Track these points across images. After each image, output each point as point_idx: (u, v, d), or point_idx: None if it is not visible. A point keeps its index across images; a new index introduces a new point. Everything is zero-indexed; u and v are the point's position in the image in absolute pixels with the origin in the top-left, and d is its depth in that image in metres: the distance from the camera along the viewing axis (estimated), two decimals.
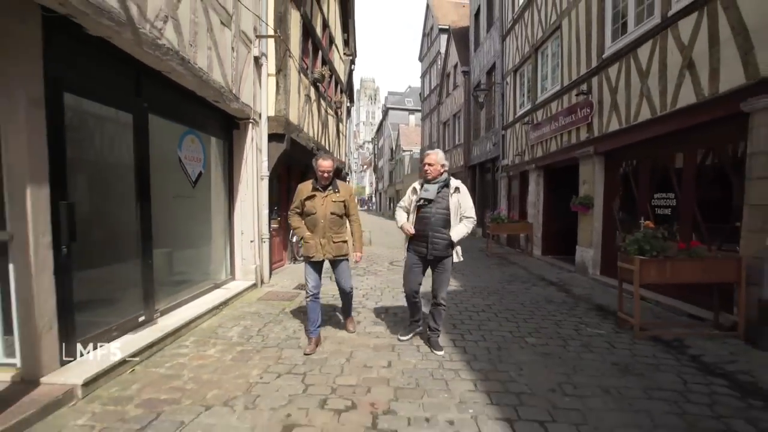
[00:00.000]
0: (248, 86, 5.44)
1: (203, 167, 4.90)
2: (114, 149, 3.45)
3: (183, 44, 3.72)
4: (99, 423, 2.31)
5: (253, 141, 5.74)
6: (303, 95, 7.32)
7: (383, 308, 4.82)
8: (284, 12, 6.06)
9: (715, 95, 4.24)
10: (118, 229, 3.48)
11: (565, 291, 5.93)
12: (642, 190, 5.84)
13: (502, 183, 11.86)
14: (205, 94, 4.46)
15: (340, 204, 3.50)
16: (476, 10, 15.16)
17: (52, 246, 2.65)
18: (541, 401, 2.62)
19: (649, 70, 5.31)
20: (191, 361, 3.21)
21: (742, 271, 3.78)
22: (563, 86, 7.82)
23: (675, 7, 4.85)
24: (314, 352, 3.36)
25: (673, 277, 3.92)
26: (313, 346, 3.42)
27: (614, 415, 2.48)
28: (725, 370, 3.19)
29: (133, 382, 2.81)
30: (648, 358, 3.41)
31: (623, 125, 5.90)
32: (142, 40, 3.12)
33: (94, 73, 3.10)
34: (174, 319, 3.87)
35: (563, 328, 4.16)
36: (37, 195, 2.53)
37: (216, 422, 2.33)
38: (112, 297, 3.39)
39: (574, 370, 3.12)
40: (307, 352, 3.34)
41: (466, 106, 16.06)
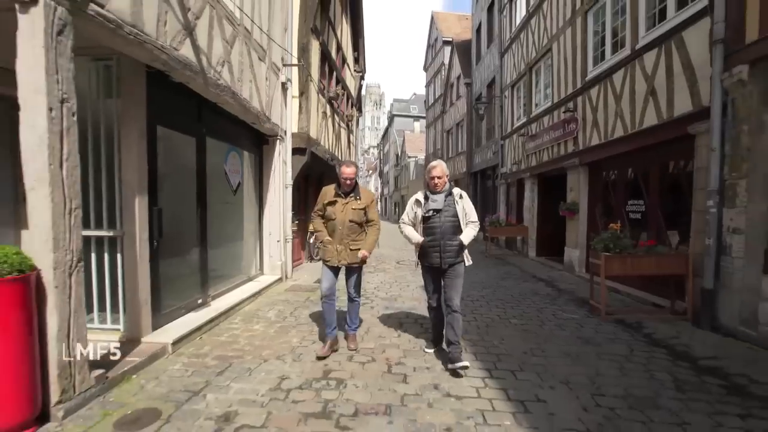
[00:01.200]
0: (276, 108, 6.35)
1: (241, 178, 5.81)
2: (182, 165, 4.35)
3: (233, 81, 4.64)
4: (190, 368, 3.18)
5: (280, 155, 6.65)
6: (320, 112, 8.25)
7: (392, 296, 5.69)
8: (306, 43, 6.99)
9: (671, 119, 5.08)
10: (184, 229, 4.38)
11: (551, 286, 6.74)
12: (619, 196, 6.66)
13: (501, 189, 12.69)
14: (245, 118, 5.38)
15: (360, 212, 3.49)
16: (477, 26, 16.08)
17: (148, 241, 3.55)
18: (514, 359, 3.46)
19: (622, 94, 6.16)
20: (243, 332, 4.09)
21: (690, 265, 4.59)
22: (553, 103, 8.67)
23: (641, 42, 5.70)
24: (328, 355, 3.38)
25: (633, 270, 4.75)
26: (327, 348, 3.42)
27: (568, 368, 3.31)
28: (668, 343, 3.99)
29: (204, 345, 3.69)
30: (608, 335, 4.23)
31: (602, 140, 6.73)
32: (208, 83, 4.04)
33: (173, 109, 4.02)
34: (222, 303, 4.75)
35: (543, 313, 4.99)
36: (141, 202, 3.44)
37: (274, 369, 3.20)
38: (181, 282, 4.28)
39: (545, 341, 3.96)
40: (319, 355, 3.35)
41: (469, 116, 16.93)
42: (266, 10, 5.78)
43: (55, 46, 2.28)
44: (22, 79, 2.23)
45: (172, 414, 2.48)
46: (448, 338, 3.36)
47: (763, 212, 3.81)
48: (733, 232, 4.12)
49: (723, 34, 4.17)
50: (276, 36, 6.17)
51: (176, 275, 4.18)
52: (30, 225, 2.31)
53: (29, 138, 2.25)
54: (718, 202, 4.26)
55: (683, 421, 2.51)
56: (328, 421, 2.43)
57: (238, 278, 5.78)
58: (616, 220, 6.48)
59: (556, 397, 2.80)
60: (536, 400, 2.74)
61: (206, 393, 2.76)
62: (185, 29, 3.59)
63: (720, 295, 4.26)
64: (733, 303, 4.10)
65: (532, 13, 9.77)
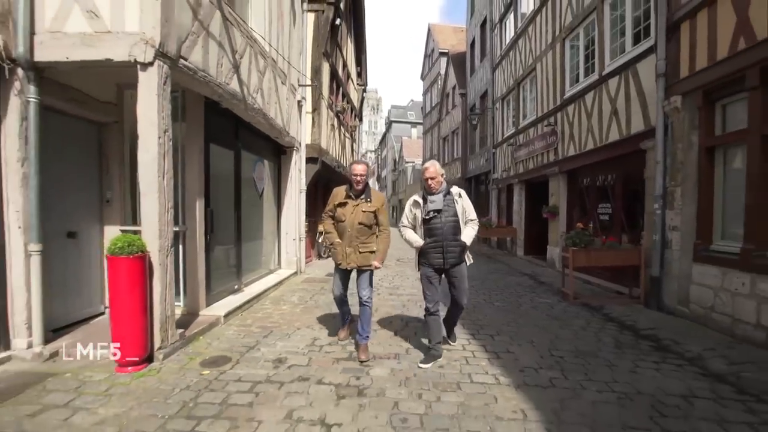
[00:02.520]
0: (294, 123, 7.30)
1: (264, 184, 6.73)
2: (224, 175, 5.26)
3: (264, 104, 5.58)
4: (241, 333, 4.09)
5: (296, 163, 7.59)
6: (329, 125, 9.20)
7: (395, 286, 6.62)
8: (319, 65, 7.96)
9: (629, 135, 6.06)
10: (226, 226, 5.29)
11: (533, 279, 7.69)
12: (591, 201, 7.64)
13: (493, 194, 13.66)
14: (270, 134, 6.31)
15: (371, 214, 3.42)
16: (472, 41, 17.14)
17: (204, 236, 4.46)
18: (492, 328, 4.39)
19: (592, 112, 7.14)
20: (274, 311, 5.00)
21: (642, 257, 5.55)
22: (538, 117, 9.66)
23: (607, 69, 6.70)
24: (347, 339, 3.83)
25: (597, 262, 5.71)
26: (345, 332, 3.90)
27: (534, 333, 4.24)
28: (620, 319, 4.93)
29: (246, 319, 4.60)
30: (572, 313, 5.17)
31: (578, 152, 7.71)
32: (247, 108, 4.98)
33: (220, 129, 4.95)
34: (253, 289, 5.66)
35: (522, 299, 5.94)
36: (199, 204, 4.36)
37: (306, 333, 4.11)
38: (223, 270, 5.19)
39: (519, 317, 4.90)
40: (340, 338, 3.85)
41: (463, 124, 17.94)
42: (286, 39, 6.73)
43: (162, 92, 3.21)
44: (141, 115, 3.16)
45: (239, 359, 3.39)
46: (447, 324, 3.75)
47: (693, 213, 4.78)
48: (672, 229, 5.09)
49: (664, 69, 5.16)
50: (293, 61, 7.12)
51: (220, 264, 5.09)
52: (143, 221, 3.23)
53: (144, 158, 3.18)
54: (662, 205, 5.23)
55: (612, 364, 3.45)
56: (354, 362, 3.35)
57: (261, 270, 6.68)
58: (589, 221, 7.49)
59: (522, 350, 3.74)
60: (506, 352, 3.68)
61: (259, 347, 3.67)
62: (233, 67, 4.53)
63: (664, 281, 5.22)
64: (672, 287, 5.06)
65: (520, 35, 10.80)
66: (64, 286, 3.83)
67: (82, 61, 3.17)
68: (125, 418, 2.43)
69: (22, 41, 3.07)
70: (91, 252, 4.20)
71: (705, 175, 4.64)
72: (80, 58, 3.16)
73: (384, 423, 2.43)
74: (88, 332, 3.79)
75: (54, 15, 3.17)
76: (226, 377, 3.03)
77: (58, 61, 3.18)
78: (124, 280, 2.98)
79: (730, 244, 4.31)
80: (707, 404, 2.76)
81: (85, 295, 4.16)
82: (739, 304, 4.03)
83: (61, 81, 3.58)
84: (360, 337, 3.50)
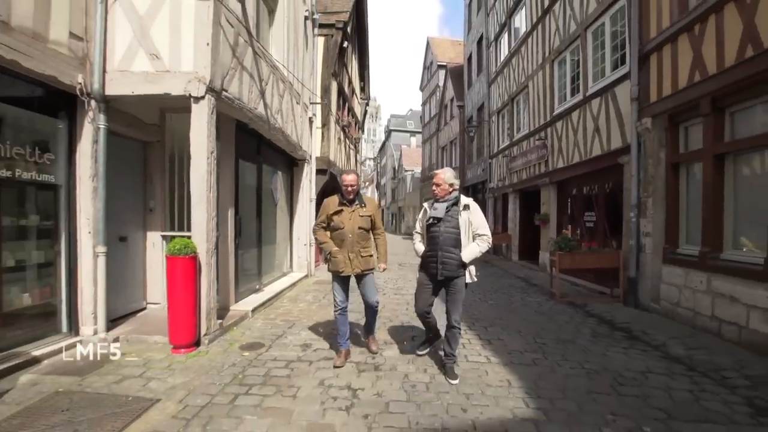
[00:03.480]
0: (306, 137, 7.97)
1: (279, 193, 7.38)
2: (248, 186, 5.91)
3: (283, 123, 6.25)
4: (268, 325, 4.70)
5: (306, 175, 8.25)
6: (336, 138, 9.89)
7: (399, 287, 7.24)
8: (328, 84, 8.66)
9: (609, 151, 6.74)
10: (249, 232, 5.92)
11: (525, 281, 8.33)
12: (578, 209, 8.31)
13: (490, 202, 14.34)
14: (286, 149, 6.98)
15: (367, 218, 3.47)
16: (469, 55, 17.95)
17: (234, 240, 5.09)
18: (486, 321, 5.02)
19: (578, 129, 7.85)
20: (293, 308, 5.61)
21: (621, 260, 6.20)
22: (530, 131, 10.37)
23: (590, 91, 7.41)
24: (343, 365, 3.39)
25: (580, 264, 6.36)
26: (342, 358, 3.45)
27: (523, 326, 4.86)
28: (599, 315, 5.55)
29: (270, 314, 5.21)
30: (558, 310, 5.80)
31: (566, 164, 8.40)
32: (270, 127, 5.64)
33: (246, 146, 5.61)
34: (271, 289, 6.27)
35: (513, 298, 6.57)
36: (231, 213, 4.99)
37: (326, 324, 4.72)
38: (248, 271, 5.81)
39: (510, 313, 5.52)
40: (336, 365, 3.37)
41: (461, 135, 18.69)
42: (300, 63, 7.43)
43: (210, 120, 3.87)
44: (194, 140, 3.82)
45: (271, 344, 4.01)
46: (444, 349, 3.39)
47: (662, 221, 5.44)
48: (646, 235, 5.75)
49: (637, 94, 5.86)
50: (305, 81, 7.81)
51: (245, 266, 5.71)
52: (193, 227, 3.87)
53: (196, 175, 3.83)
54: (637, 213, 5.90)
55: (587, 349, 4.08)
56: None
57: (276, 273, 7.30)
58: (577, 228, 8.15)
59: (511, 338, 4.36)
60: (497, 339, 4.30)
61: (286, 336, 4.29)
62: (260, 93, 5.20)
63: (639, 281, 5.86)
64: (646, 286, 5.70)
65: (513, 54, 11.56)
66: (116, 284, 4.44)
67: (145, 95, 3.83)
68: (190, 385, 3.04)
69: (97, 79, 3.73)
70: (137, 254, 4.82)
71: (671, 187, 5.32)
72: (144, 92, 3.82)
73: (397, 388, 3.05)
74: (138, 323, 4.40)
75: (122, 57, 3.84)
76: (264, 357, 3.64)
77: (125, 95, 3.84)
78: (180, 277, 3.61)
79: (692, 247, 4.96)
80: (660, 378, 3.39)
81: (131, 292, 4.77)
82: (698, 300, 4.67)
83: (120, 108, 4.23)
84: (367, 333, 3.88)
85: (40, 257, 3.69)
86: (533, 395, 2.98)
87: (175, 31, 3.82)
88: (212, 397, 2.86)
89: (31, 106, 3.49)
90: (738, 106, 4.37)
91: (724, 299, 4.29)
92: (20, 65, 3.10)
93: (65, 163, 3.76)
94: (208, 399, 2.82)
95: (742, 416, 2.76)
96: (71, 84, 3.60)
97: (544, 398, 2.94)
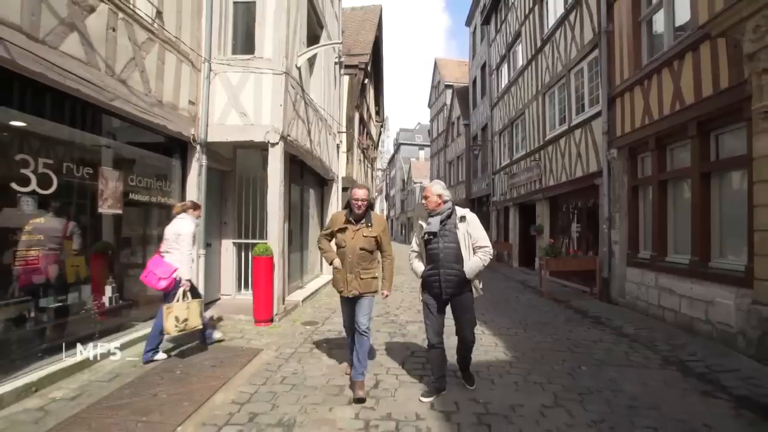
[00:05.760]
0: (334, 161, 9.50)
1: (313, 208, 8.88)
2: (294, 203, 7.41)
3: (320, 152, 7.78)
4: (317, 311, 6.13)
5: (334, 192, 9.76)
6: (358, 159, 11.43)
7: (396, 285, 8.65)
8: (351, 116, 10.23)
9: (588, 173, 8.13)
10: (294, 240, 7.41)
11: (522, 284, 9.66)
12: (567, 222, 9.66)
13: (493, 214, 15.71)
14: (320, 172, 8.50)
15: (372, 239, 3.23)
16: (474, 79, 19.52)
17: (287, 246, 6.57)
18: (483, 310, 6.38)
19: (565, 152, 9.25)
20: (332, 300, 7.02)
21: (597, 264, 7.53)
22: (527, 152, 11.79)
23: (573, 122, 8.84)
24: (366, 395, 3.09)
25: (564, 267, 7.72)
26: (361, 390, 3.08)
27: (513, 313, 6.23)
28: (577, 308, 6.87)
29: (314, 304, 6.66)
30: (543, 304, 7.15)
31: (556, 182, 9.78)
32: (313, 157, 7.17)
33: (294, 172, 7.12)
34: (310, 287, 7.73)
35: (509, 296, 7.93)
36: (281, 225, 6.48)
37: None
38: (294, 272, 7.27)
39: (504, 306, 6.90)
40: (359, 396, 3.04)
41: (467, 152, 20.14)
42: (331, 99, 9.00)
43: (281, 158, 5.39)
44: (270, 173, 5.34)
45: (323, 322, 5.44)
46: (461, 363, 3.30)
47: (626, 232, 6.79)
48: (615, 243, 7.10)
49: (607, 129, 7.27)
50: (334, 113, 9.38)
51: (293, 267, 7.18)
52: (269, 235, 5.36)
53: (271, 197, 5.34)
54: (608, 225, 7.25)
55: (558, 328, 5.43)
56: (394, 324, 5.38)
57: (311, 275, 8.76)
58: (566, 237, 9.50)
59: (501, 321, 5.74)
60: (491, 321, 5.69)
61: (333, 317, 5.71)
62: (308, 132, 6.73)
63: (611, 281, 7.18)
64: (616, 285, 7.02)
65: (512, 83, 13.06)
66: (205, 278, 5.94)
67: (236, 141, 5.37)
68: (278, 343, 4.48)
69: (203, 131, 5.28)
70: (215, 257, 6.32)
71: (632, 205, 6.68)
72: (235, 139, 5.37)
73: (418, 346, 4.45)
74: (221, 308, 5.88)
75: (220, 114, 5.39)
76: (321, 329, 5.08)
77: (221, 141, 5.39)
78: (262, 271, 5.08)
79: (647, 253, 6.30)
80: (606, 344, 4.74)
81: (212, 285, 6.26)
82: (650, 293, 6.00)
83: (212, 149, 5.78)
84: (356, 373, 3.18)
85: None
86: (511, 350, 4.37)
87: (257, 96, 5.37)
88: (296, 348, 4.30)
89: (158, 150, 5.03)
90: (673, 144, 5.76)
91: (666, 292, 5.62)
92: (167, 128, 4.65)
93: (179, 190, 5.29)
94: (293, 349, 4.26)
95: (654, 365, 4.10)
96: (187, 135, 5.15)
97: (518, 352, 4.33)
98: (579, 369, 3.88)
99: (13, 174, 3.04)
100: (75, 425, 2.59)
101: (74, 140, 3.71)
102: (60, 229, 3.67)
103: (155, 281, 3.74)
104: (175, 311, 3.69)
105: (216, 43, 5.42)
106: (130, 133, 4.39)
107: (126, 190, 4.31)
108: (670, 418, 2.89)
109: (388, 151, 51.44)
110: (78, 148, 3.76)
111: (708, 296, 4.80)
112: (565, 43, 9.11)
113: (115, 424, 2.61)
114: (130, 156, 4.51)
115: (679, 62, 5.35)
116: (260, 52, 5.46)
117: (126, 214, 4.42)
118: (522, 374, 3.72)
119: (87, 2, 3.43)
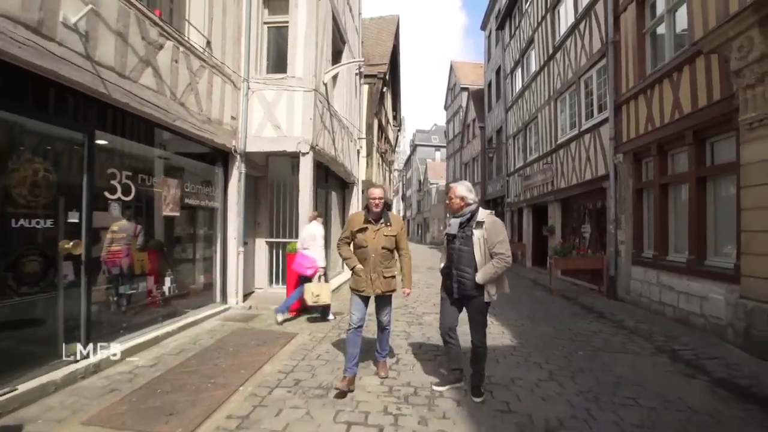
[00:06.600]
0: (355, 166, 10.15)
1: (336, 209, 9.54)
2: (320, 206, 8.08)
3: (343, 158, 8.43)
4: (342, 303, 6.74)
5: (355, 194, 10.40)
6: (376, 163, 12.06)
7: (430, 284, 9.20)
8: (371, 123, 10.87)
9: (596, 176, 8.51)
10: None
11: (533, 282, 10.08)
12: (577, 222, 10.03)
13: (507, 215, 16.07)
14: (342, 176, 9.16)
15: (392, 238, 3.35)
16: (489, 82, 19.88)
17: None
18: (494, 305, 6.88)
19: (575, 156, 9.63)
20: None
21: (605, 263, 7.92)
22: (540, 155, 12.16)
23: (583, 127, 9.22)
24: (348, 390, 3.17)
25: (573, 266, 8.14)
26: (345, 383, 3.21)
27: (523, 308, 6.71)
28: (584, 304, 7.30)
29: (339, 297, 7.28)
30: (552, 300, 7.60)
31: (567, 185, 10.15)
32: (337, 164, 7.82)
33: (320, 177, 7.78)
34: (336, 281, 8.37)
35: (521, 293, 8.39)
36: None
37: None
38: None
39: (519, 302, 7.36)
40: (340, 388, 3.16)
41: (482, 153, 20.50)
42: (351, 108, 9.64)
43: (311, 166, 6.04)
44: (302, 180, 6.00)
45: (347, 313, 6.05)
46: (471, 367, 3.29)
47: (631, 232, 7.18)
48: (621, 243, 7.48)
49: (614, 134, 7.65)
50: (354, 121, 10.02)
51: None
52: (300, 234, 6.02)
53: (303, 202, 6.00)
54: (615, 226, 7.64)
55: (563, 320, 5.91)
56: (412, 315, 5.96)
57: (334, 272, 9.42)
58: (576, 238, 9.87)
59: (510, 314, 6.24)
60: (501, 314, 6.20)
61: None
62: (333, 141, 7.38)
63: (617, 279, 7.57)
64: (621, 283, 7.41)
65: (526, 87, 13.43)
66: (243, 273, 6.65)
67: (270, 151, 6.06)
68: (310, 328, 5.13)
69: (242, 142, 5.99)
70: (251, 255, 7.03)
71: (636, 207, 7.07)
72: (270, 149, 6.06)
73: (434, 332, 5.02)
74: (256, 299, 6.57)
75: (257, 127, 6.09)
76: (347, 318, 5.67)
77: (258, 152, 6.08)
78: None
79: (650, 252, 6.69)
80: (606, 335, 5.20)
81: (248, 280, 6.97)
82: (652, 290, 6.39)
83: (248, 157, 6.49)
84: (379, 356, 3.61)
85: (207, 254, 5.93)
86: (516, 338, 4.90)
87: (290, 110, 6.04)
88: (326, 333, 4.94)
89: (205, 159, 5.75)
90: (673, 150, 6.15)
91: (666, 288, 6.02)
92: (213, 141, 5.36)
93: (222, 195, 6.01)
94: (324, 334, 4.90)
95: (647, 353, 4.55)
96: (229, 146, 5.86)
97: (523, 339, 4.85)
98: (576, 353, 4.38)
99: (106, 185, 3.77)
100: (160, 383, 3.28)
101: (143, 154, 4.44)
102: (132, 229, 4.41)
103: (304, 269, 5.38)
104: (312, 288, 5.22)
105: (253, 64, 6.12)
106: (182, 145, 5.12)
107: (182, 195, 5.04)
108: (650, 392, 3.38)
109: (404, 152, 51.90)
110: (145, 160, 4.49)
111: (703, 292, 5.20)
112: (575, 50, 9.50)
113: (191, 383, 3.29)
114: (184, 166, 5.24)
115: (678, 74, 5.75)
116: (292, 71, 6.13)
117: (179, 216, 5.15)
118: (524, 356, 4.25)
119: (158, 41, 4.14)
